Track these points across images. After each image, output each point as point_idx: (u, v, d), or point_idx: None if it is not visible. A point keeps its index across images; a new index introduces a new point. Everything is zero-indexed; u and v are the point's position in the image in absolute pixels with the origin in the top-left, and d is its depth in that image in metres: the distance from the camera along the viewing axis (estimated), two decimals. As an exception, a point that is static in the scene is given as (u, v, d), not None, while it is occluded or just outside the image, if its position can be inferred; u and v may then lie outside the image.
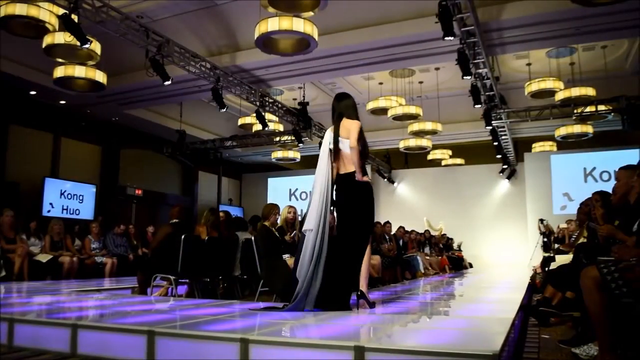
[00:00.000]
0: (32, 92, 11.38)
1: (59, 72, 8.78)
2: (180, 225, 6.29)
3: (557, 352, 3.57)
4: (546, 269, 7.24)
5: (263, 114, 11.75)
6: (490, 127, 12.44)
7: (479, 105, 10.91)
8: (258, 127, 12.75)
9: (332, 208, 4.21)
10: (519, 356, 3.45)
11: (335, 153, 4.18)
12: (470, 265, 15.16)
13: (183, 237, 5.84)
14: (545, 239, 11.73)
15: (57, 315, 3.77)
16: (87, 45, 7.48)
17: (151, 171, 15.83)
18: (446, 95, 13.75)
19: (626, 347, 3.00)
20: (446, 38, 7.70)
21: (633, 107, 11.07)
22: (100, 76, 9.01)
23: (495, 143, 13.82)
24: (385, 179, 18.31)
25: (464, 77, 9.21)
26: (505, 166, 16.35)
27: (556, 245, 9.71)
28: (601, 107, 11.63)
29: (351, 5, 9.07)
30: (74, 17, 7.09)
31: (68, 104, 12.14)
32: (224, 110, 10.81)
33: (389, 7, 9.09)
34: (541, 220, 12.44)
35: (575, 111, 11.86)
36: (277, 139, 14.52)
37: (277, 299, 5.60)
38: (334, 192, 4.21)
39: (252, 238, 6.22)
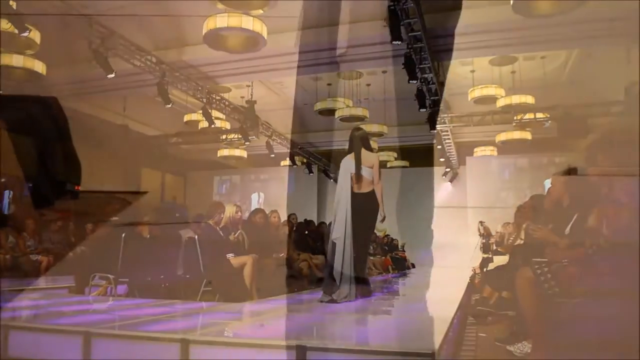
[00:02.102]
0: (-35, 81, 10.80)
1: (-5, 60, 8.39)
2: (120, 223, 6.13)
3: (493, 349, 3.68)
4: (484, 269, 7.44)
5: (210, 110, 11.59)
6: (435, 131, 12.74)
7: (424, 109, 11.13)
8: (204, 124, 12.56)
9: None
10: (457, 354, 3.54)
11: (358, 177, 5.17)
12: (413, 266, 15.43)
13: (123, 235, 5.70)
14: (484, 241, 12.04)
15: (-13, 316, 3.60)
16: (26, 34, 7.18)
17: (91, 167, 15.28)
18: (392, 98, 13.95)
19: (557, 344, 3.13)
20: (394, 42, 7.83)
21: (568, 116, 11.58)
22: (39, 66, 8.67)
23: (439, 146, 14.15)
24: (332, 180, 18.38)
25: (410, 81, 9.37)
26: (448, 169, 16.75)
27: (494, 247, 9.99)
28: (539, 115, 12.11)
29: (301, 5, 9.06)
30: (13, 4, 6.79)
31: (4, 94, 11.58)
32: (170, 106, 10.59)
33: (338, 9, 9.14)
34: (481, 223, 12.78)
35: (515, 118, 12.30)
36: (224, 136, 14.34)
37: (220, 299, 5.56)
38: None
39: (196, 237, 6.12)
